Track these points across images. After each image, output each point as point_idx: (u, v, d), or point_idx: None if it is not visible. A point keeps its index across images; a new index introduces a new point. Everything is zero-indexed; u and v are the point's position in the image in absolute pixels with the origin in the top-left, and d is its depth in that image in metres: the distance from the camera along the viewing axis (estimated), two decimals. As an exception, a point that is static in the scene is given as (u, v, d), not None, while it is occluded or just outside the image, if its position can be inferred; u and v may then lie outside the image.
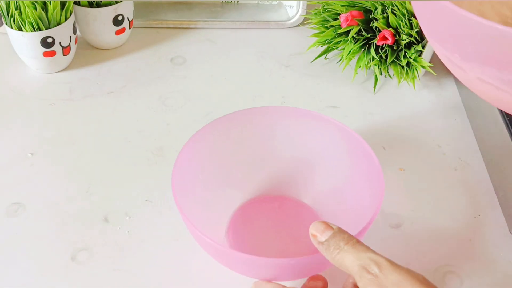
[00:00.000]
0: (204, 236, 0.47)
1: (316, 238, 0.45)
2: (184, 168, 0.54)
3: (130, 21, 0.81)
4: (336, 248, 0.44)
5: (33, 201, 0.61)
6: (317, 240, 0.45)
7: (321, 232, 0.45)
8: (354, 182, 0.57)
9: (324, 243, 0.44)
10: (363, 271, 0.41)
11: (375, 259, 0.42)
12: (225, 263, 0.51)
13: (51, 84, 0.77)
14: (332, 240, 0.44)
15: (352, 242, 0.44)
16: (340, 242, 0.44)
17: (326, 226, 0.45)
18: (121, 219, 0.60)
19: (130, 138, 0.69)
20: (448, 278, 0.54)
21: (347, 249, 0.43)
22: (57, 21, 0.73)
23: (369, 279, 0.41)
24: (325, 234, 0.45)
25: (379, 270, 0.41)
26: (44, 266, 0.55)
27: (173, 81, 0.78)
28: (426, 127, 0.71)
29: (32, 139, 0.69)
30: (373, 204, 0.51)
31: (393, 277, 0.40)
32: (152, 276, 0.55)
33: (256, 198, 0.61)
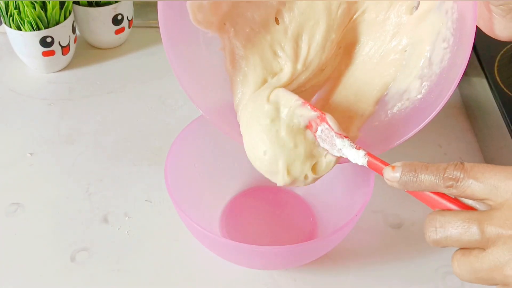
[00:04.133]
0: (196, 225, 0.48)
1: (393, 180, 0.40)
2: (177, 161, 0.54)
3: (129, 21, 0.81)
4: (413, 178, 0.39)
5: (32, 201, 0.61)
6: (396, 180, 0.40)
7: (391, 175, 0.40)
8: (345, 174, 0.57)
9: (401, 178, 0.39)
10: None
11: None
12: (218, 252, 0.52)
13: (50, 83, 0.77)
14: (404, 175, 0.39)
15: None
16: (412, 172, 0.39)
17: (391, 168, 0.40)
18: (121, 219, 0.59)
19: (130, 138, 0.69)
20: (448, 278, 0.54)
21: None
22: (56, 21, 0.73)
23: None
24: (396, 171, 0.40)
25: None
26: (43, 267, 0.55)
27: (173, 81, 0.77)
28: (427, 127, 0.71)
29: (31, 139, 0.69)
30: (362, 198, 0.51)
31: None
32: (151, 276, 0.55)
33: (249, 189, 0.62)
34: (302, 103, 0.47)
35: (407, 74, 0.50)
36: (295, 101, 0.47)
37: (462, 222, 0.36)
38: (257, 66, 0.51)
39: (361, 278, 0.54)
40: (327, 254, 0.54)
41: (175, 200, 0.50)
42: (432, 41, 0.48)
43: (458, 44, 0.45)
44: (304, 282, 0.54)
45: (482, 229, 0.35)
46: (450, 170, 0.37)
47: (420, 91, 0.49)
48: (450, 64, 0.46)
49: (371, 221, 0.59)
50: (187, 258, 0.56)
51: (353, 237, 0.56)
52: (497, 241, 0.34)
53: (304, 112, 0.47)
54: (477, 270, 0.35)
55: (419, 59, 0.49)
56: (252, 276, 0.54)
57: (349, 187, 0.56)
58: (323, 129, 0.46)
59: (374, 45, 0.52)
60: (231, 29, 0.50)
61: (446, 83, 0.46)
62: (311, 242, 0.52)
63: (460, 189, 0.37)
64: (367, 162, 0.43)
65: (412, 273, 0.55)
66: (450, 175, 0.37)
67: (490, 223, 0.34)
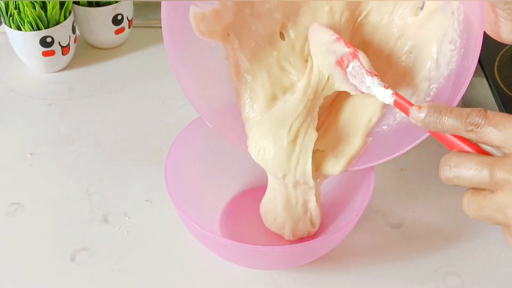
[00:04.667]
0: (196, 225, 0.48)
1: (418, 118, 0.41)
2: (177, 161, 0.54)
3: (129, 21, 0.81)
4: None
5: (32, 201, 0.61)
6: (421, 118, 0.41)
7: (416, 115, 0.41)
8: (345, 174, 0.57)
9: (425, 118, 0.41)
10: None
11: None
12: (218, 252, 0.52)
13: (50, 83, 0.77)
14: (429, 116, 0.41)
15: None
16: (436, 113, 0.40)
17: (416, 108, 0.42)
18: (121, 219, 0.59)
19: (130, 138, 0.69)
20: (448, 278, 0.54)
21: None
22: (56, 21, 0.73)
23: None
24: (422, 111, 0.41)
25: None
26: (43, 267, 0.55)
27: (173, 81, 0.77)
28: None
29: (31, 139, 0.69)
30: (362, 198, 0.51)
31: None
32: (151, 276, 0.55)
33: (249, 189, 0.61)
34: (336, 39, 0.48)
35: (413, 76, 0.50)
36: (329, 37, 0.48)
37: (475, 164, 0.37)
38: (265, 81, 0.51)
39: (361, 278, 0.54)
40: (327, 254, 0.54)
41: (175, 200, 0.50)
42: (439, 42, 0.48)
43: (466, 45, 0.45)
44: (304, 282, 0.54)
45: (492, 173, 0.36)
46: (472, 115, 0.38)
47: (429, 93, 0.49)
48: (458, 66, 0.46)
49: (371, 221, 0.59)
50: (187, 258, 0.56)
51: (353, 237, 0.56)
52: (505, 186, 0.36)
53: (338, 48, 0.48)
54: (483, 209, 0.38)
55: (425, 61, 0.49)
56: (252, 276, 0.54)
57: (349, 187, 0.56)
58: (354, 66, 0.47)
59: (380, 47, 0.52)
60: (235, 41, 0.50)
61: (455, 86, 0.46)
62: (311, 242, 0.52)
63: (479, 135, 0.38)
64: (394, 101, 0.44)
65: (412, 273, 0.55)
66: (472, 120, 0.38)
67: (500, 168, 0.36)
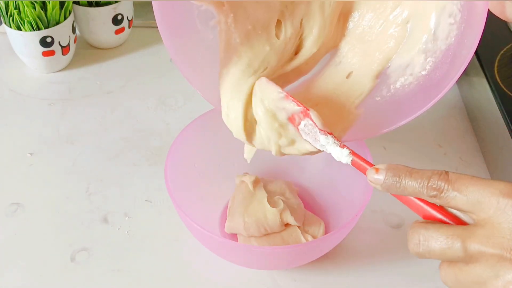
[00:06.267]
0: (196, 225, 0.48)
1: (376, 183, 0.40)
2: (177, 161, 0.54)
3: (129, 21, 0.81)
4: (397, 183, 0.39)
5: (32, 201, 0.61)
6: (379, 183, 0.39)
7: (374, 178, 0.39)
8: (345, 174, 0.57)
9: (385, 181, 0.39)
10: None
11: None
12: (218, 252, 0.52)
13: (50, 83, 0.77)
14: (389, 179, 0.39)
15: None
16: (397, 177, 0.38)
17: (374, 171, 0.40)
18: (121, 219, 0.59)
19: (130, 138, 0.69)
20: (449, 278, 0.54)
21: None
22: (56, 21, 0.73)
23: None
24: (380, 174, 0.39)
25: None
26: (43, 267, 0.55)
27: (173, 81, 0.77)
28: (427, 127, 0.71)
29: (31, 139, 0.68)
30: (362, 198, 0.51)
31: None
32: (151, 276, 0.54)
33: None
34: (285, 96, 0.46)
35: (410, 47, 0.49)
36: (278, 94, 0.46)
37: (445, 238, 0.35)
38: (250, 59, 0.49)
39: (361, 278, 0.54)
40: (327, 254, 0.54)
41: (175, 200, 0.50)
42: (437, 14, 0.46)
43: (467, 22, 0.44)
44: (304, 282, 0.54)
45: (465, 246, 0.35)
46: (434, 179, 0.36)
47: (425, 67, 0.48)
48: (458, 42, 0.45)
49: (371, 221, 0.59)
50: (187, 258, 0.56)
51: (353, 237, 0.56)
52: (480, 258, 0.34)
53: (287, 106, 0.46)
54: (461, 282, 0.36)
55: (422, 32, 0.48)
56: (252, 276, 0.54)
57: (349, 187, 0.56)
58: (306, 124, 0.45)
59: (374, 16, 0.51)
60: (230, 14, 0.48)
61: (454, 63, 0.45)
62: (311, 242, 0.52)
63: (444, 200, 0.36)
64: (351, 161, 0.42)
65: (412, 273, 0.55)
66: (434, 185, 0.36)
67: (473, 240, 0.34)
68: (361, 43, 0.52)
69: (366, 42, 0.51)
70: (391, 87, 0.50)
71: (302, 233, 0.55)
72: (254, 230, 0.54)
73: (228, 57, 0.49)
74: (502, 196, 0.34)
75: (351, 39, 0.52)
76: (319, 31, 0.50)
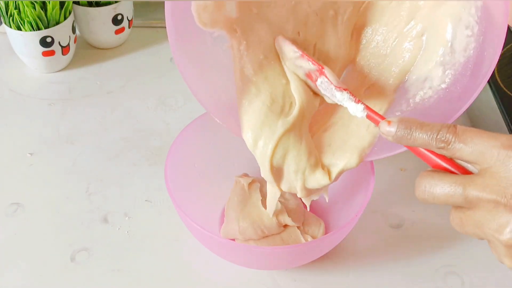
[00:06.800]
0: (196, 225, 0.48)
1: (390, 133, 0.41)
2: (177, 161, 0.54)
3: (129, 21, 0.81)
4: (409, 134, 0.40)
5: (32, 201, 0.61)
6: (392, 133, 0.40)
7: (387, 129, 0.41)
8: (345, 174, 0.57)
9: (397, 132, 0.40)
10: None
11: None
12: (218, 252, 0.52)
13: (50, 83, 0.77)
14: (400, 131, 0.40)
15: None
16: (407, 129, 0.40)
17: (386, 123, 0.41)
18: (121, 219, 0.59)
19: (130, 138, 0.69)
20: (448, 278, 0.54)
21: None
22: (56, 21, 0.73)
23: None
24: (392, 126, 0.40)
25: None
26: (43, 267, 0.55)
27: (173, 81, 0.77)
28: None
29: (31, 139, 0.68)
30: (362, 198, 0.52)
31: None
32: (151, 276, 0.55)
33: None
34: (300, 55, 0.47)
35: (426, 60, 0.49)
36: (294, 53, 0.47)
37: (448, 185, 0.38)
38: (267, 97, 0.49)
39: (361, 278, 0.54)
40: (327, 254, 0.54)
41: (175, 200, 0.50)
42: (453, 26, 0.46)
43: (485, 34, 0.44)
44: (304, 282, 0.54)
45: (465, 193, 0.37)
46: (443, 132, 0.38)
47: (444, 80, 0.48)
48: (477, 55, 0.45)
49: (371, 221, 0.59)
50: (187, 258, 0.56)
51: (353, 237, 0.56)
52: (478, 204, 0.37)
53: (303, 64, 0.47)
54: (465, 225, 0.38)
55: (439, 45, 0.48)
56: (252, 276, 0.54)
57: (349, 187, 0.56)
58: (322, 81, 0.46)
59: (387, 30, 0.51)
60: (243, 41, 0.48)
61: (474, 76, 0.45)
62: (311, 242, 0.52)
63: (451, 152, 0.38)
64: (366, 115, 0.44)
65: (412, 273, 0.55)
66: (442, 137, 0.38)
67: (472, 188, 0.37)
68: (375, 58, 0.52)
69: (380, 56, 0.51)
70: (410, 101, 0.50)
71: (302, 234, 0.55)
72: (251, 233, 0.54)
73: (246, 87, 0.49)
74: (503, 148, 0.37)
75: (365, 54, 0.52)
76: (335, 52, 0.50)
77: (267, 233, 0.54)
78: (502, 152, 0.36)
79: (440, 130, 0.39)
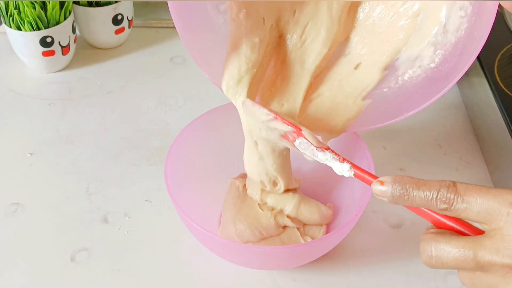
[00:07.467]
0: (196, 225, 0.48)
1: (382, 194, 0.39)
2: (177, 161, 0.54)
3: (129, 21, 0.81)
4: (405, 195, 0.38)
5: (32, 201, 0.61)
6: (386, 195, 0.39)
7: (380, 190, 0.39)
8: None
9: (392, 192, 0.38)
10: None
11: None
12: (218, 252, 0.52)
13: (50, 83, 0.77)
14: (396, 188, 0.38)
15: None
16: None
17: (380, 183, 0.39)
18: (121, 219, 0.59)
19: (130, 138, 0.69)
20: (449, 278, 0.54)
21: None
22: (56, 21, 0.73)
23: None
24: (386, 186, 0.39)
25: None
26: (43, 267, 0.55)
27: (173, 81, 0.77)
28: (427, 127, 0.71)
29: (31, 139, 0.68)
30: (362, 198, 0.51)
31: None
32: (151, 276, 0.54)
33: None
34: (274, 118, 0.45)
35: (419, 40, 0.49)
36: (266, 116, 0.46)
37: (457, 250, 0.36)
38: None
39: (361, 278, 0.54)
40: (327, 254, 0.54)
41: (175, 200, 0.50)
42: (448, 7, 0.46)
43: (477, 14, 0.44)
44: (304, 282, 0.54)
45: (476, 258, 0.36)
46: (443, 192, 0.37)
47: (434, 59, 0.47)
48: (468, 35, 0.45)
49: (371, 221, 0.59)
50: (187, 258, 0.56)
51: (353, 237, 0.56)
52: (491, 268, 0.36)
53: (278, 126, 0.46)
54: (476, 285, 0.37)
55: (433, 25, 0.47)
56: (252, 276, 0.54)
57: (349, 187, 0.56)
58: (301, 142, 0.44)
59: (384, 8, 0.50)
60: (243, 10, 0.48)
61: (463, 56, 0.45)
62: (311, 242, 0.52)
63: (455, 213, 0.37)
64: (353, 175, 0.42)
65: (412, 273, 0.55)
66: (443, 197, 0.37)
67: (483, 252, 0.36)
68: (370, 35, 0.51)
69: (375, 33, 0.51)
70: (399, 78, 0.50)
71: (301, 236, 0.55)
72: (249, 236, 0.53)
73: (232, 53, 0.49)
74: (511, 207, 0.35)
75: (361, 30, 0.52)
76: (327, 31, 0.50)
77: (266, 235, 0.54)
78: (511, 212, 0.35)
79: (439, 190, 0.37)
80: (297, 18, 0.50)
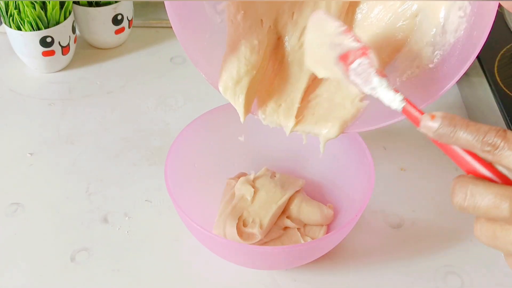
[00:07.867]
0: (196, 225, 0.48)
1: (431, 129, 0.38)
2: (177, 161, 0.54)
3: (129, 21, 0.81)
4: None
5: (32, 201, 0.61)
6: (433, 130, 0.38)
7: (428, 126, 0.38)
8: (345, 174, 0.57)
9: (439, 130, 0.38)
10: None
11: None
12: (218, 252, 0.52)
13: (50, 83, 0.77)
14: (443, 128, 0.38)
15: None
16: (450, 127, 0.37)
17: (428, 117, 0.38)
18: (121, 219, 0.59)
19: (130, 138, 0.69)
20: (449, 278, 0.54)
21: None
22: (56, 21, 0.73)
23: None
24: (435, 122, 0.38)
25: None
26: (43, 267, 0.55)
27: (173, 81, 0.77)
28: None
29: (31, 139, 0.69)
30: (362, 198, 0.51)
31: None
32: (151, 276, 0.55)
33: None
34: (344, 31, 0.43)
35: (418, 40, 0.48)
36: (337, 28, 0.44)
37: (494, 196, 0.35)
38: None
39: (361, 278, 0.54)
40: (327, 254, 0.54)
41: (175, 200, 0.50)
42: (447, 7, 0.46)
43: (476, 14, 0.44)
44: (304, 282, 0.54)
45: (511, 208, 0.34)
46: (491, 135, 0.36)
47: (432, 60, 0.47)
48: (467, 35, 0.44)
49: (371, 221, 0.59)
50: (187, 258, 0.56)
51: (353, 237, 0.56)
52: None
53: (345, 41, 0.43)
54: (497, 238, 0.36)
55: (431, 25, 0.47)
56: (252, 276, 0.54)
57: (349, 187, 0.56)
58: (361, 64, 0.42)
59: (383, 9, 0.50)
60: (241, 11, 0.48)
61: (462, 56, 0.44)
62: (311, 242, 0.52)
63: (497, 157, 0.36)
64: (402, 108, 0.40)
65: (412, 273, 0.55)
66: (489, 140, 0.36)
67: None
68: (369, 36, 0.51)
69: (373, 34, 0.51)
70: (397, 79, 0.50)
71: (302, 237, 0.55)
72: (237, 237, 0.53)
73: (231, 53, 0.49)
74: None
75: (358, 31, 0.52)
76: None
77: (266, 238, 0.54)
78: None
79: (487, 132, 0.36)
80: (296, 20, 0.50)
